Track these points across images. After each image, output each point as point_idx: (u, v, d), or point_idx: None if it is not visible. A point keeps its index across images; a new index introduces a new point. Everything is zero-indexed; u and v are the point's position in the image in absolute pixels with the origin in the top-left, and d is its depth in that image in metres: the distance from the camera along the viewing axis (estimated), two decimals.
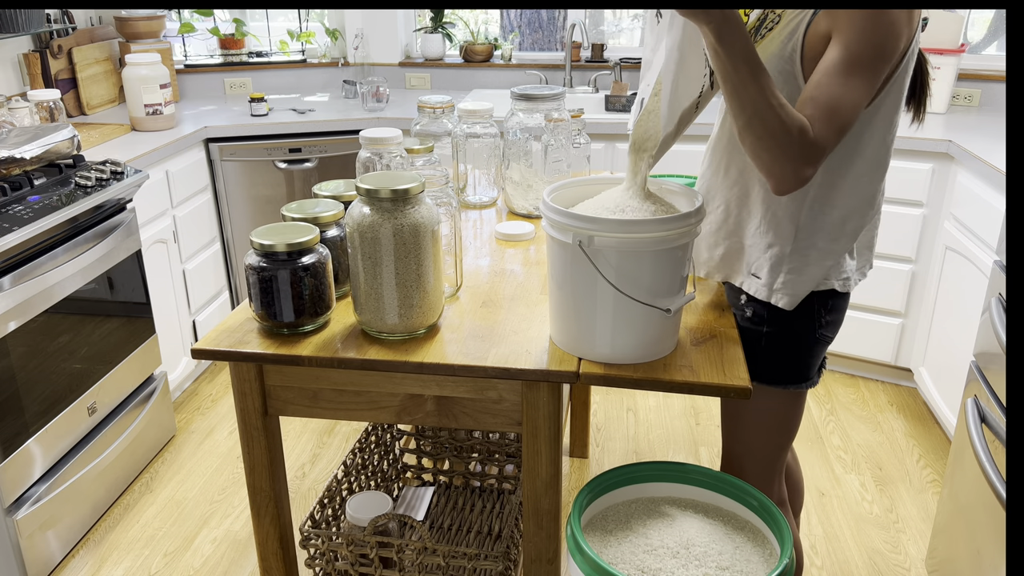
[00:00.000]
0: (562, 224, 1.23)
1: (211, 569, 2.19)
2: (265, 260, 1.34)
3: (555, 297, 1.30)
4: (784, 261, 1.34)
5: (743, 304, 1.42)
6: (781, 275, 1.35)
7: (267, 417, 1.41)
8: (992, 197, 2.32)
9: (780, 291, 1.35)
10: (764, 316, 1.39)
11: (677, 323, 1.32)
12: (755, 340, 1.41)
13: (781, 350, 1.41)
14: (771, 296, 1.36)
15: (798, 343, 1.41)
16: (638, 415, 2.90)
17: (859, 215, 1.33)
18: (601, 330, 1.26)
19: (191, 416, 2.93)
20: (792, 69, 1.24)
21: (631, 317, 1.24)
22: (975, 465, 1.79)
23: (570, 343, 1.30)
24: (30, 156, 2.21)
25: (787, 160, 1.14)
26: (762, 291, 1.37)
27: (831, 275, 1.35)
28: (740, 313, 1.43)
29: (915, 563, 2.18)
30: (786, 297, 1.35)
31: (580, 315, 1.27)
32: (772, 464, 1.52)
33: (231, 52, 3.83)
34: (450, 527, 2.06)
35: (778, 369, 1.42)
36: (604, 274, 1.22)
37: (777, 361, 1.42)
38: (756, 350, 1.41)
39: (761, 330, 1.40)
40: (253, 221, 3.23)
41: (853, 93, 1.15)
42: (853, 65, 1.15)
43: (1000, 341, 1.72)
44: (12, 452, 2.00)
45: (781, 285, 1.35)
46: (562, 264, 1.27)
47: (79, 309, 2.24)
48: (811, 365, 1.44)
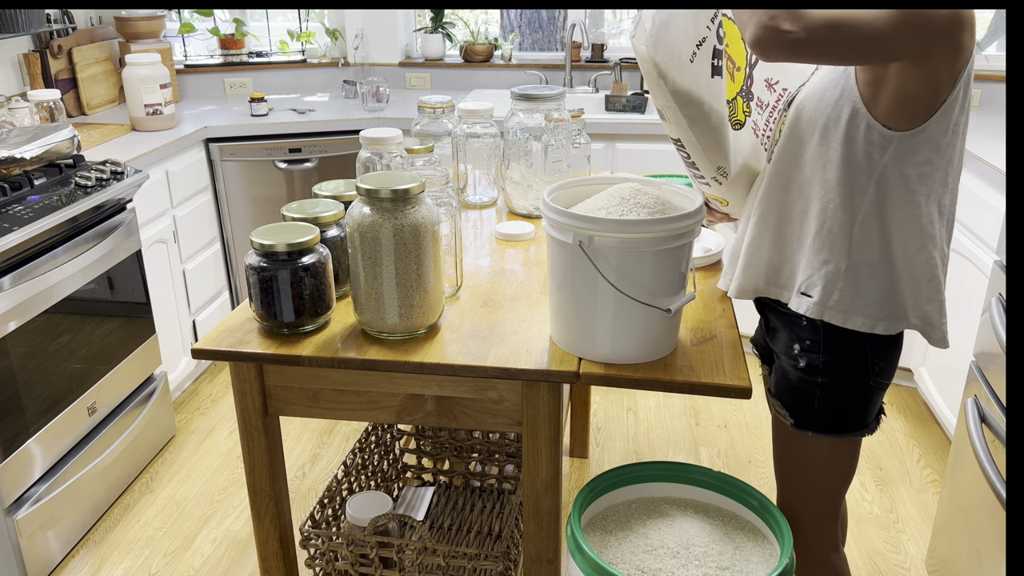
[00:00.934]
0: (562, 224, 1.23)
1: (211, 569, 2.19)
2: (265, 260, 1.34)
3: (555, 297, 1.30)
4: (839, 278, 1.28)
5: (797, 355, 1.37)
6: (836, 292, 1.29)
7: (267, 417, 1.41)
8: (992, 197, 2.32)
9: (833, 308, 1.29)
10: (818, 367, 1.34)
11: (677, 323, 1.32)
12: (810, 391, 1.36)
13: (836, 400, 1.36)
14: (823, 313, 1.30)
15: (853, 391, 1.35)
16: (638, 415, 2.90)
17: (913, 246, 1.26)
18: (601, 330, 1.26)
19: (191, 416, 2.93)
20: (846, 84, 1.22)
21: (631, 317, 1.24)
22: (975, 465, 1.79)
23: (570, 343, 1.30)
24: (30, 156, 2.21)
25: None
26: (814, 309, 1.30)
27: (881, 312, 1.29)
28: (793, 364, 1.38)
29: (915, 563, 2.18)
30: (839, 314, 1.29)
31: (580, 315, 1.27)
32: (829, 510, 1.47)
33: (231, 52, 3.83)
34: (450, 527, 2.06)
35: (834, 419, 1.37)
36: (604, 274, 1.22)
37: (833, 411, 1.37)
38: (811, 400, 1.37)
39: (816, 380, 1.35)
40: (253, 221, 3.23)
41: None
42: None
43: (1000, 341, 1.72)
44: (12, 452, 2.00)
45: (835, 302, 1.29)
46: (562, 264, 1.27)
47: (79, 309, 2.24)
48: (868, 412, 1.38)
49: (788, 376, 1.39)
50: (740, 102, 1.49)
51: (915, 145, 1.20)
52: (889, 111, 1.18)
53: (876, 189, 1.23)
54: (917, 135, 1.19)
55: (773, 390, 1.44)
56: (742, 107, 1.50)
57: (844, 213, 1.25)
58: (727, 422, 2.84)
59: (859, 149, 1.21)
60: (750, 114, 1.50)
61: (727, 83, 1.49)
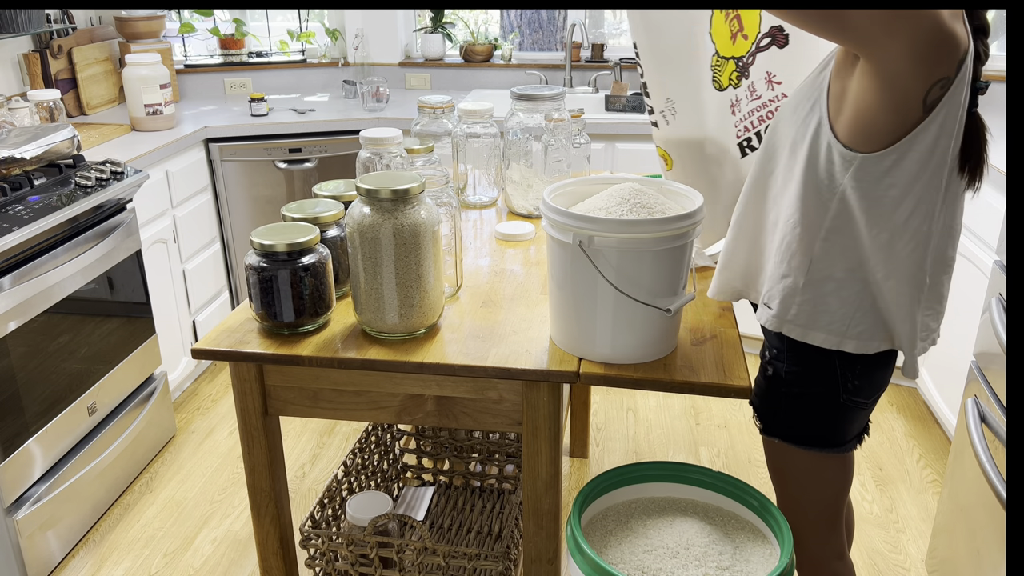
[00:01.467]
0: (562, 224, 1.23)
1: (211, 569, 2.19)
2: (265, 260, 1.34)
3: (555, 297, 1.30)
4: (797, 292, 1.26)
5: (765, 361, 1.38)
6: (793, 307, 1.27)
7: (267, 417, 1.41)
8: (992, 197, 2.32)
9: (791, 322, 1.28)
10: (782, 376, 1.34)
11: (677, 323, 1.32)
12: (775, 399, 1.36)
13: (803, 412, 1.35)
14: (782, 327, 1.28)
15: (821, 407, 1.33)
16: (638, 415, 2.90)
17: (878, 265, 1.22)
18: (601, 330, 1.26)
19: (191, 416, 2.93)
20: (819, 98, 1.20)
21: (631, 317, 1.24)
22: (975, 465, 1.79)
23: (570, 343, 1.30)
24: (30, 156, 2.21)
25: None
26: (772, 322, 1.29)
27: (850, 330, 1.25)
28: (763, 370, 1.39)
29: (915, 563, 2.18)
30: (798, 328, 1.27)
31: (580, 315, 1.27)
32: (824, 520, 1.44)
33: (231, 52, 3.83)
34: (450, 527, 2.06)
35: (802, 431, 1.36)
36: (604, 274, 1.22)
37: (800, 423, 1.35)
38: (776, 409, 1.37)
39: (780, 390, 1.35)
40: (253, 221, 3.23)
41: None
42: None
43: (1000, 341, 1.72)
44: (12, 452, 2.00)
45: (793, 316, 1.27)
46: (562, 264, 1.27)
47: (79, 309, 2.24)
48: (842, 430, 1.35)
49: (759, 380, 1.40)
50: (731, 67, 1.49)
51: (882, 169, 1.14)
52: (849, 130, 1.15)
53: (839, 207, 1.19)
54: (883, 158, 1.14)
55: (753, 399, 1.44)
56: (730, 73, 1.49)
57: (803, 229, 1.22)
58: (727, 422, 2.84)
59: (821, 166, 1.18)
60: (737, 87, 1.49)
61: (723, 39, 1.47)
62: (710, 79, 1.52)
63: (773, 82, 1.48)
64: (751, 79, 1.49)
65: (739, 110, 1.51)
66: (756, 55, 1.47)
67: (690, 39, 1.51)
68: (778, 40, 1.47)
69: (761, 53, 1.47)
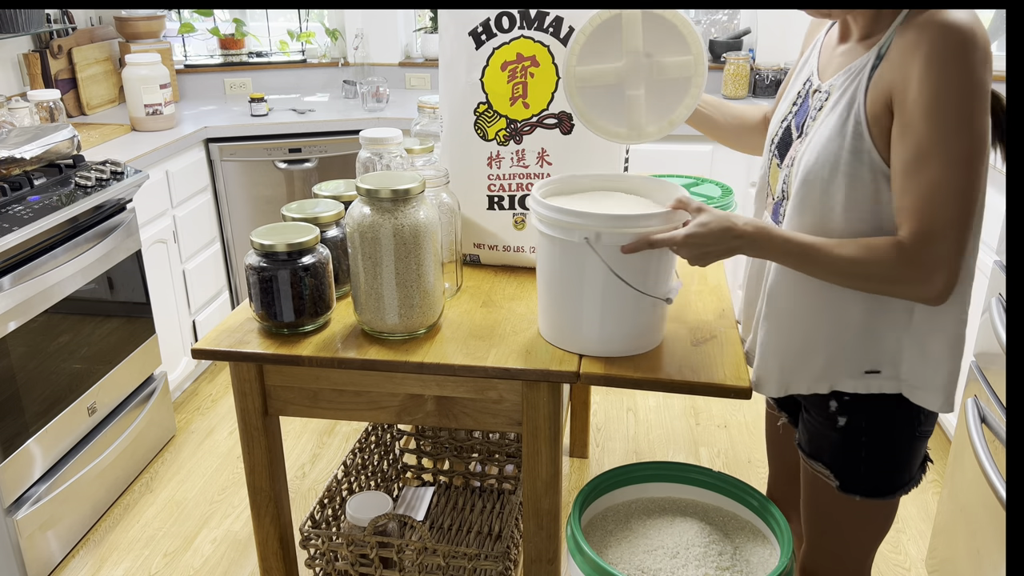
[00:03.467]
0: (563, 222, 1.23)
1: (211, 569, 2.19)
2: (265, 260, 1.34)
3: (552, 293, 1.30)
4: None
5: (834, 412, 1.26)
6: (905, 362, 1.19)
7: (267, 417, 1.41)
8: (992, 197, 2.32)
9: (906, 382, 1.21)
10: (861, 426, 1.25)
11: (665, 314, 1.33)
12: (854, 452, 1.26)
13: (884, 458, 1.25)
14: (904, 388, 1.21)
15: (900, 446, 1.25)
16: (638, 415, 2.90)
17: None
18: (599, 324, 1.27)
19: (191, 416, 2.93)
20: (861, 146, 1.11)
21: (631, 309, 1.26)
22: (975, 465, 1.79)
23: (566, 339, 1.31)
24: (30, 156, 2.21)
25: (904, 286, 1.08)
26: (888, 384, 1.21)
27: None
28: (831, 425, 1.27)
29: (915, 563, 2.18)
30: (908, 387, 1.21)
31: (580, 311, 1.28)
32: (864, 569, 1.38)
33: (231, 52, 3.83)
34: (450, 527, 2.06)
35: (883, 479, 1.27)
36: (615, 270, 1.22)
37: (881, 471, 1.26)
38: (857, 463, 1.26)
39: (860, 440, 1.25)
40: (253, 221, 3.23)
41: (944, 175, 1.03)
42: (926, 147, 1.03)
43: (1000, 341, 1.72)
44: (12, 452, 2.00)
45: (908, 372, 1.20)
46: (560, 260, 1.26)
47: (79, 309, 2.24)
48: (914, 465, 1.28)
49: (829, 435, 1.28)
50: (502, 124, 1.54)
51: None
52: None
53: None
54: None
55: (807, 448, 1.33)
56: (499, 130, 1.55)
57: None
58: (727, 422, 2.84)
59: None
60: (503, 145, 1.55)
61: (500, 96, 1.52)
62: (473, 122, 1.55)
63: (545, 160, 1.55)
64: (523, 146, 1.54)
65: (498, 166, 1.57)
66: (537, 128, 1.53)
67: (469, 58, 1.53)
68: (564, 125, 1.53)
69: (543, 129, 1.53)
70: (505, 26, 1.48)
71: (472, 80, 1.52)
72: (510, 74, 1.50)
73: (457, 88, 1.55)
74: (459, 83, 1.54)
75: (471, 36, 1.50)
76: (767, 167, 1.33)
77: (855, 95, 1.12)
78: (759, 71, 3.45)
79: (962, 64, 1.01)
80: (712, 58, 3.63)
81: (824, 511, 1.34)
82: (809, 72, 1.27)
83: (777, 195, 1.29)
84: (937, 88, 1.02)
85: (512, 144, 1.54)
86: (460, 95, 1.54)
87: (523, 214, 1.59)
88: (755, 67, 3.46)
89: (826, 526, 1.35)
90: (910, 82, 1.04)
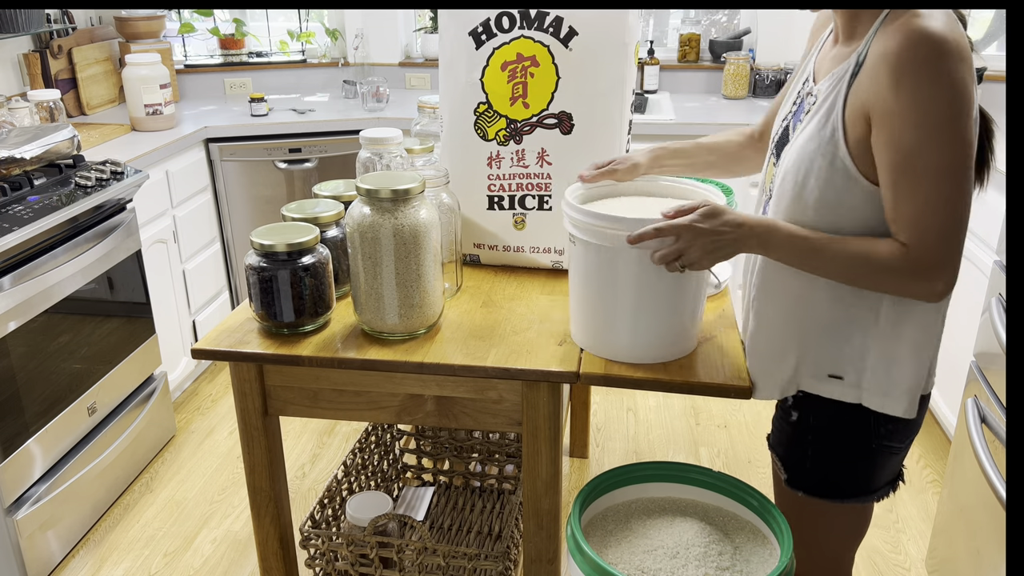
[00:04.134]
0: (596, 227, 1.21)
1: (211, 569, 2.19)
2: (265, 260, 1.34)
3: (592, 300, 1.29)
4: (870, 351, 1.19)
5: (789, 406, 1.29)
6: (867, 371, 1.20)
7: (267, 417, 1.41)
8: (991, 197, 2.32)
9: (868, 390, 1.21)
10: (809, 423, 1.26)
11: (699, 318, 1.32)
12: (802, 449, 1.28)
13: (832, 461, 1.26)
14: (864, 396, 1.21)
15: (852, 454, 1.25)
16: (638, 415, 2.90)
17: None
18: (624, 328, 1.27)
19: (191, 416, 2.93)
20: (835, 152, 1.11)
21: (656, 312, 1.25)
22: (975, 465, 1.79)
23: (597, 344, 1.30)
24: (30, 156, 2.21)
25: (906, 285, 1.09)
26: (849, 393, 1.22)
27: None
28: (786, 417, 1.30)
29: (915, 563, 2.18)
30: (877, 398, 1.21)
31: (608, 314, 1.27)
32: (839, 567, 1.38)
33: (231, 52, 3.83)
34: (450, 527, 2.06)
35: (829, 483, 1.27)
36: (647, 274, 1.21)
37: (828, 473, 1.27)
38: (803, 460, 1.28)
39: (807, 438, 1.26)
40: (253, 221, 3.23)
41: (933, 186, 1.03)
42: (911, 160, 1.03)
43: (1000, 341, 1.72)
44: (12, 452, 2.00)
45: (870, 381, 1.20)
46: (611, 269, 1.24)
47: (79, 309, 2.24)
48: (872, 477, 1.27)
49: (782, 426, 1.32)
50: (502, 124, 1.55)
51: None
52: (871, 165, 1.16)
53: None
54: None
55: (771, 437, 1.37)
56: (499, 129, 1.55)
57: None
58: (727, 422, 2.84)
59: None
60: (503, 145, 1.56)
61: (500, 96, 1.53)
62: (473, 122, 1.55)
63: (545, 160, 1.54)
64: (523, 146, 1.54)
65: (497, 166, 1.56)
66: (536, 128, 1.53)
67: (469, 58, 1.53)
68: (564, 125, 1.52)
69: (543, 129, 1.52)
70: (505, 26, 1.49)
71: (472, 80, 1.52)
72: (510, 74, 1.50)
73: (457, 88, 1.55)
74: (459, 83, 1.54)
75: (471, 36, 1.50)
76: (766, 166, 1.34)
77: (835, 102, 1.12)
78: (759, 71, 3.45)
79: (934, 71, 1.00)
80: (712, 58, 3.64)
81: (783, 505, 1.37)
82: (808, 73, 1.27)
83: (768, 192, 1.29)
84: (914, 99, 1.01)
85: (512, 144, 1.54)
86: (460, 95, 1.54)
87: (523, 214, 1.59)
88: (755, 67, 3.46)
89: (790, 520, 1.37)
90: (884, 92, 1.03)
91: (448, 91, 1.57)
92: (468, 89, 1.53)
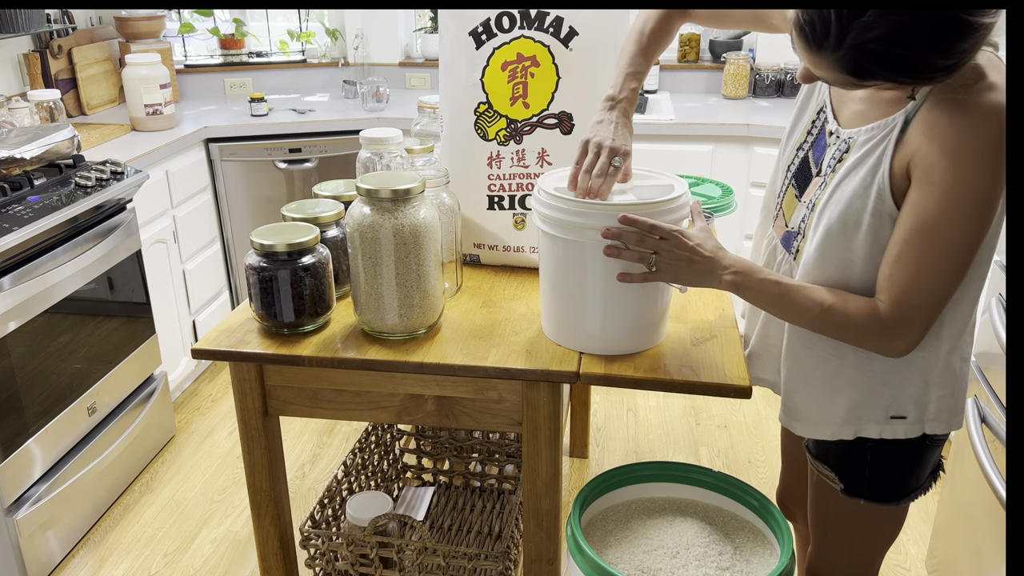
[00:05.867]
0: (563, 220, 1.22)
1: (211, 569, 2.19)
2: (265, 260, 1.34)
3: (558, 290, 1.30)
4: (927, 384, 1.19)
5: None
6: (932, 402, 1.20)
7: (267, 417, 1.41)
8: None
9: (934, 418, 1.21)
10: (868, 443, 1.24)
11: (667, 310, 1.33)
12: (860, 456, 1.26)
13: (889, 463, 1.25)
14: (928, 427, 1.21)
15: (907, 452, 1.24)
16: (638, 415, 2.90)
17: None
18: (592, 319, 1.27)
19: (191, 416, 2.93)
20: (883, 208, 1.08)
21: (623, 304, 1.26)
22: (975, 465, 1.79)
23: (566, 335, 1.31)
24: (30, 156, 2.21)
25: (868, 341, 1.10)
26: (913, 429, 1.21)
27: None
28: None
29: (915, 563, 2.18)
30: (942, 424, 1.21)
31: (577, 306, 1.27)
32: (870, 569, 1.38)
33: (231, 52, 3.83)
34: (450, 527, 2.06)
35: (888, 485, 1.26)
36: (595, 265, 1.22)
37: (886, 476, 1.25)
38: (862, 467, 1.26)
39: (866, 443, 1.24)
40: (253, 221, 3.23)
41: (942, 257, 1.03)
42: (931, 226, 1.02)
43: (1000, 341, 1.72)
44: (12, 452, 2.00)
45: (935, 412, 1.20)
46: (565, 257, 1.26)
47: (79, 309, 2.24)
48: (923, 472, 1.27)
49: (833, 441, 1.28)
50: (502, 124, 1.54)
51: None
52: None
53: None
54: None
55: (814, 450, 1.32)
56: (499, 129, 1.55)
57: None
58: (727, 422, 2.84)
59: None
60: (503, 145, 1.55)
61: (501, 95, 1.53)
62: (473, 122, 1.55)
63: (545, 160, 1.55)
64: (523, 146, 1.54)
65: (498, 166, 1.57)
66: (537, 128, 1.53)
67: (469, 58, 1.53)
68: (564, 125, 1.53)
69: (544, 129, 1.53)
70: (505, 26, 1.49)
71: (472, 80, 1.52)
72: (510, 74, 1.50)
73: (457, 88, 1.55)
74: (459, 83, 1.54)
75: (471, 36, 1.50)
76: (782, 191, 1.31)
77: (881, 160, 1.09)
78: (759, 71, 3.45)
79: (989, 153, 0.99)
80: (712, 58, 3.64)
81: (829, 514, 1.34)
82: (821, 102, 1.24)
83: (793, 227, 1.27)
84: (963, 175, 1.00)
85: (512, 144, 1.54)
86: (460, 95, 1.54)
87: (523, 214, 1.59)
88: (755, 67, 3.46)
89: (832, 529, 1.35)
90: (934, 157, 1.01)
91: (448, 91, 1.57)
92: (468, 89, 1.53)
